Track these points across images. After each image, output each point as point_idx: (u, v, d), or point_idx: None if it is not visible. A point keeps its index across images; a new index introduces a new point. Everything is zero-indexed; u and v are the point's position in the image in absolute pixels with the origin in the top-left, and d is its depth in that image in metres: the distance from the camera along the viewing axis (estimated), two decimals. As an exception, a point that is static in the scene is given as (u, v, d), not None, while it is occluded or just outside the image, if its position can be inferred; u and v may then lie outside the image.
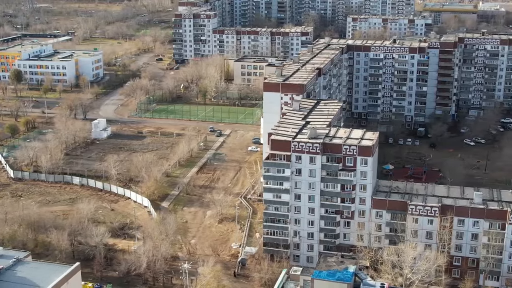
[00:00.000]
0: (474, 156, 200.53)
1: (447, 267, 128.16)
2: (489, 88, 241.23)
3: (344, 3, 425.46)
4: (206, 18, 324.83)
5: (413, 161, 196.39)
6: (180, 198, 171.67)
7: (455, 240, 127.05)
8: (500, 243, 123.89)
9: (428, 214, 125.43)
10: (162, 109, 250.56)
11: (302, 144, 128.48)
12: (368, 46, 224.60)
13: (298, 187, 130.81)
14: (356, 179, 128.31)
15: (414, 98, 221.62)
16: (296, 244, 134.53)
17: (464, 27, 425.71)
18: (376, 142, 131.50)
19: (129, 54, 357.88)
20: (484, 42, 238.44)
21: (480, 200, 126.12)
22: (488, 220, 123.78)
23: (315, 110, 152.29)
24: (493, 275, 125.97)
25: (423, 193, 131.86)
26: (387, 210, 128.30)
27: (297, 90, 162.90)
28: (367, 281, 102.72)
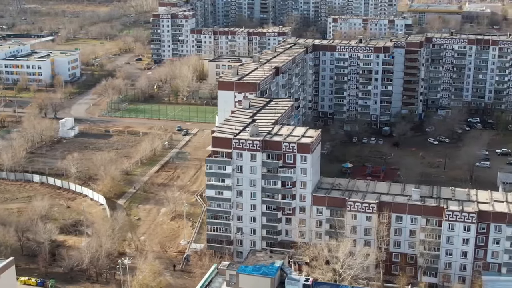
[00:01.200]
0: (436, 155, 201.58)
1: (386, 263, 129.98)
2: (457, 87, 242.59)
3: (327, 4, 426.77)
4: (184, 19, 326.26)
5: (374, 159, 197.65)
6: (137, 196, 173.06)
7: (394, 236, 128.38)
8: (437, 240, 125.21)
9: (366, 210, 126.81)
10: (133, 109, 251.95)
11: (242, 141, 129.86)
12: (333, 45, 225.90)
13: (239, 184, 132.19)
14: (296, 176, 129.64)
15: (380, 97, 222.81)
16: (239, 241, 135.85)
17: (447, 27, 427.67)
18: (317, 140, 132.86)
19: (109, 54, 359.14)
20: (452, 42, 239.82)
21: (418, 197, 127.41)
22: (425, 217, 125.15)
23: (265, 108, 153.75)
24: (430, 271, 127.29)
25: (363, 190, 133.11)
26: (326, 206, 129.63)
27: (250, 88, 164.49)
28: (291, 276, 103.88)
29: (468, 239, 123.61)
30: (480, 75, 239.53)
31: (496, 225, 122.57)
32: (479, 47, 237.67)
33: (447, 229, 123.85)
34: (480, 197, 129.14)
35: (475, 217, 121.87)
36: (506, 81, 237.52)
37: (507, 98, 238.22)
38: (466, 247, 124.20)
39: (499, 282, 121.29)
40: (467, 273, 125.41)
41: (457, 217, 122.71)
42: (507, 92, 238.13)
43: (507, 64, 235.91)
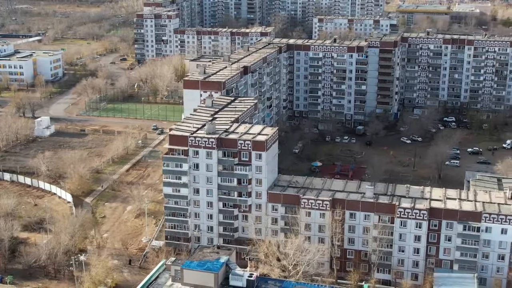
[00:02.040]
0: (407, 154, 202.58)
1: (340, 260, 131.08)
2: (433, 87, 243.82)
3: (314, 4, 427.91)
4: (168, 19, 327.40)
5: (345, 158, 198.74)
6: (105, 194, 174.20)
7: (347, 233, 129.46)
8: (390, 236, 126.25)
9: (319, 208, 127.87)
10: (111, 108, 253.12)
11: (198, 139, 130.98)
12: (307, 45, 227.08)
13: (196, 181, 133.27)
14: (252, 173, 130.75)
15: (354, 96, 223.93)
16: (197, 238, 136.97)
17: (435, 28, 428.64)
18: (273, 138, 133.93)
19: (94, 54, 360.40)
20: (428, 42, 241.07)
21: (371, 194, 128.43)
22: (378, 214, 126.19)
23: (228, 106, 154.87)
24: (384, 267, 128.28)
25: (319, 187, 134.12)
26: (281, 204, 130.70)
27: (215, 87, 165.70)
28: (235, 271, 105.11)
29: (420, 236, 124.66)
30: (455, 74, 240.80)
31: (448, 222, 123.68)
32: (454, 47, 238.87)
33: (399, 226, 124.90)
34: (434, 194, 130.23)
35: (426, 214, 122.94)
36: (481, 81, 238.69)
37: (483, 98, 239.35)
38: (418, 244, 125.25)
39: (450, 278, 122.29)
40: (419, 270, 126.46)
41: (408, 214, 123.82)
42: (483, 92, 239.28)
43: (482, 64, 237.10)
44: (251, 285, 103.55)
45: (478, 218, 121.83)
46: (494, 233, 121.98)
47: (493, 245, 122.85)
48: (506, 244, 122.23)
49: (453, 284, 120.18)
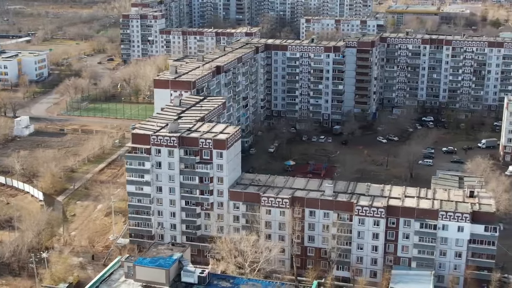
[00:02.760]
0: (382, 153, 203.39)
1: (301, 258, 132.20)
2: (412, 87, 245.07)
3: (303, 5, 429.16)
4: (153, 19, 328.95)
5: (319, 157, 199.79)
6: (77, 193, 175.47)
7: (308, 231, 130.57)
8: (348, 234, 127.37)
9: (279, 205, 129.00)
10: (93, 108, 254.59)
11: (160, 138, 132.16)
12: (285, 45, 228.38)
13: (159, 179, 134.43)
14: (213, 171, 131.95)
15: (331, 96, 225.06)
16: (160, 235, 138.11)
17: (424, 28, 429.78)
18: (234, 136, 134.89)
19: (82, 54, 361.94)
20: (406, 42, 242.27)
21: (330, 192, 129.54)
22: (337, 212, 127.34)
23: (196, 106, 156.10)
24: (343, 265, 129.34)
25: (281, 185, 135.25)
26: (243, 201, 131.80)
27: (185, 86, 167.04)
28: (187, 268, 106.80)
29: (378, 234, 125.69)
30: (434, 74, 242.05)
31: (405, 220, 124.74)
32: (432, 47, 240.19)
33: (357, 223, 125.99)
34: (393, 192, 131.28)
35: (384, 212, 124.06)
36: (459, 81, 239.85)
37: (461, 98, 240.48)
38: (376, 241, 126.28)
39: (407, 276, 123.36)
40: (378, 267, 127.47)
41: (366, 212, 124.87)
42: (461, 92, 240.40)
43: (460, 64, 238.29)
44: (202, 281, 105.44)
45: (434, 216, 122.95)
46: (451, 231, 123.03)
47: (450, 242, 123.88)
48: (463, 242, 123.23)
49: (409, 281, 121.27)
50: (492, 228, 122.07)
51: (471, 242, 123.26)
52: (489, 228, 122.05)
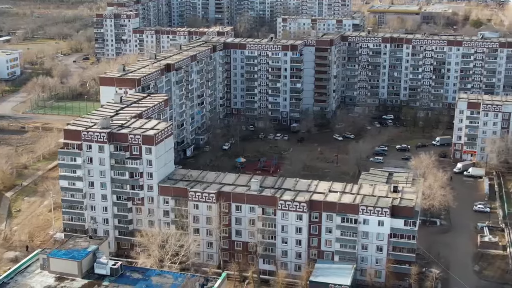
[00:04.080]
0: (336, 151, 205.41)
1: (229, 252, 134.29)
2: (373, 85, 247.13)
3: (282, 4, 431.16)
4: (127, 18, 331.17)
5: (272, 154, 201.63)
6: (26, 189, 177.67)
7: (234, 225, 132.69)
8: (273, 228, 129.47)
9: (206, 200, 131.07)
10: (58, 106, 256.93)
11: (91, 134, 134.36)
12: (243, 44, 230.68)
13: (90, 174, 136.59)
14: (143, 167, 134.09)
15: (289, 94, 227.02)
16: (93, 230, 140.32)
17: (403, 27, 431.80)
18: (164, 132, 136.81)
19: (59, 53, 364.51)
20: (367, 41, 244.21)
21: (256, 187, 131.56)
22: (261, 206, 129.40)
23: (138, 103, 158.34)
24: (269, 259, 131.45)
25: (211, 181, 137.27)
26: (172, 196, 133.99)
27: (130, 84, 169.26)
28: (100, 260, 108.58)
29: (301, 228, 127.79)
30: (395, 73, 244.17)
31: (328, 214, 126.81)
32: (393, 46, 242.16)
33: (281, 218, 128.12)
34: (319, 187, 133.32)
35: (306, 207, 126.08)
36: (419, 79, 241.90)
37: (421, 96, 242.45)
38: (299, 235, 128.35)
39: (329, 269, 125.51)
40: (302, 261, 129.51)
41: (289, 206, 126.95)
42: (421, 90, 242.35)
43: (420, 62, 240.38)
44: (114, 273, 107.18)
45: (355, 210, 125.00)
46: (372, 225, 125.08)
47: (371, 236, 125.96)
48: (384, 236, 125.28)
49: (330, 275, 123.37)
50: (412, 222, 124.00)
51: (391, 236, 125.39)
52: (409, 222, 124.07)
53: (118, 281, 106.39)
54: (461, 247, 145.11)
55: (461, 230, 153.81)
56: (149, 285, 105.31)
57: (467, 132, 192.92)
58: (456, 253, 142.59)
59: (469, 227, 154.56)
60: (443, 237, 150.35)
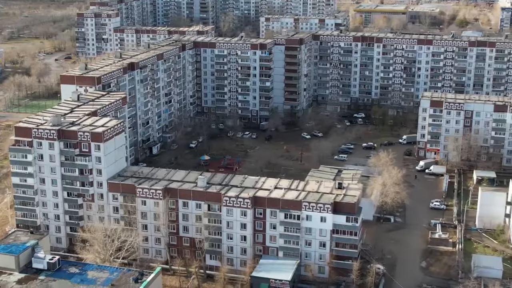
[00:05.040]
0: (301, 149, 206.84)
1: (177, 248, 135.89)
2: (345, 84, 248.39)
3: (267, 4, 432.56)
4: (107, 17, 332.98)
5: (238, 152, 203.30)
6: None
7: (182, 221, 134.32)
8: (218, 224, 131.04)
9: (153, 196, 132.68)
10: (33, 105, 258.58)
11: (41, 131, 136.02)
12: (213, 43, 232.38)
13: (41, 171, 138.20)
14: (92, 163, 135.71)
15: (258, 93, 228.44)
16: (46, 226, 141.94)
17: (389, 27, 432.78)
18: (115, 130, 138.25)
19: (42, 53, 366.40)
20: (338, 39, 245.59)
21: (203, 183, 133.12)
22: (207, 203, 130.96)
23: (95, 101, 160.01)
24: (215, 254, 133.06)
25: (161, 177, 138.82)
26: (121, 193, 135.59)
27: (90, 82, 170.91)
28: (37, 255, 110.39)
29: (245, 224, 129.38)
30: (366, 71, 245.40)
31: (272, 211, 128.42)
32: (364, 45, 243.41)
33: (226, 214, 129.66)
34: (266, 184, 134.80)
35: (250, 203, 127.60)
36: (390, 78, 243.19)
37: (392, 94, 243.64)
38: (244, 231, 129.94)
39: (273, 265, 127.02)
40: (247, 257, 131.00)
41: (234, 202, 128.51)
42: (392, 88, 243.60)
43: (391, 61, 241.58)
44: (52, 267, 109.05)
45: (298, 206, 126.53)
46: (314, 221, 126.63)
47: (314, 232, 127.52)
48: (326, 232, 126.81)
49: (272, 270, 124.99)
50: (353, 218, 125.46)
51: (334, 232, 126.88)
52: (351, 218, 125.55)
53: (54, 275, 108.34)
54: (411, 244, 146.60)
55: (414, 227, 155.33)
56: (84, 279, 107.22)
57: (430, 130, 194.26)
58: (405, 249, 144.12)
59: (422, 224, 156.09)
60: (395, 234, 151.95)
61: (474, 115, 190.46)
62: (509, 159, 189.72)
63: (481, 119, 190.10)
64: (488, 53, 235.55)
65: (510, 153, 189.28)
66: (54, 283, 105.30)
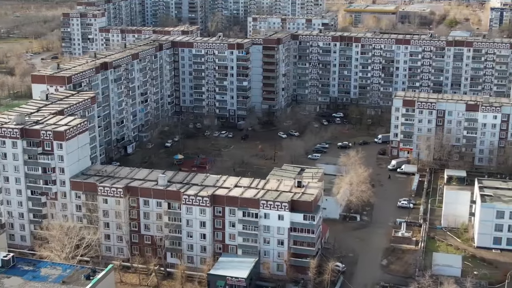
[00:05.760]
0: (278, 148, 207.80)
1: (139, 246, 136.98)
2: (324, 83, 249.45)
3: (255, 4, 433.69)
4: (93, 17, 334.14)
5: (212, 152, 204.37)
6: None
7: (143, 219, 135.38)
8: (179, 223, 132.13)
9: (114, 195, 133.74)
10: (14, 104, 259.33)
11: (4, 130, 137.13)
12: (191, 42, 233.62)
13: (5, 169, 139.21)
14: (55, 162, 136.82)
15: (236, 92, 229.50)
16: (10, 224, 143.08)
17: (379, 27, 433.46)
18: (78, 128, 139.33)
19: (28, 52, 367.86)
20: (317, 39, 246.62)
21: (164, 182, 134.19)
22: (168, 201, 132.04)
23: (64, 100, 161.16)
24: (176, 252, 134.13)
25: (123, 176, 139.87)
26: (83, 191, 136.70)
27: (60, 82, 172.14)
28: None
29: (205, 222, 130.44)
30: (345, 71, 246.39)
31: (230, 209, 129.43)
32: (342, 44, 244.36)
33: (186, 212, 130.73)
34: (227, 182, 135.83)
35: (209, 201, 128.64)
36: (369, 77, 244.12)
37: (371, 94, 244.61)
38: (204, 229, 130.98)
39: (231, 263, 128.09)
40: (207, 255, 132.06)
41: (193, 201, 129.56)
42: (371, 88, 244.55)
43: (369, 61, 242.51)
44: (5, 265, 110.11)
45: (256, 204, 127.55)
46: (272, 219, 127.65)
47: (272, 230, 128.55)
48: (284, 230, 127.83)
49: (229, 268, 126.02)
50: (310, 216, 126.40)
51: (292, 231, 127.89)
52: (308, 216, 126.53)
53: (8, 272, 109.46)
54: (375, 242, 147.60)
55: (380, 225, 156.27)
56: (36, 276, 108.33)
57: (403, 129, 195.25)
58: (368, 247, 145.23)
59: (388, 223, 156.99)
60: (360, 232, 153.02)
61: (446, 114, 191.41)
62: (481, 158, 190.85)
63: (453, 118, 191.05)
64: (465, 53, 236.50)
65: (482, 152, 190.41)
66: (6, 280, 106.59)
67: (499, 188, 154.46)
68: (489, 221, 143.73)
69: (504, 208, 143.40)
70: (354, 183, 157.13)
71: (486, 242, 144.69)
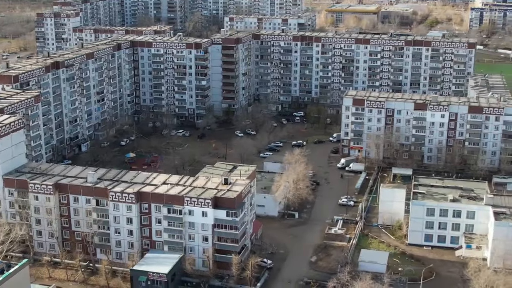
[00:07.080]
0: (233, 146, 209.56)
1: (70, 242, 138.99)
2: (286, 83, 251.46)
3: (235, 4, 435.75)
4: (67, 17, 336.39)
5: (166, 150, 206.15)
6: None
7: (74, 216, 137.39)
8: (107, 219, 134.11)
9: (44, 192, 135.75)
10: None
11: None
12: (150, 42, 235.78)
13: None
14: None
15: (195, 92, 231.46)
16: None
17: (359, 27, 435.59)
18: (11, 126, 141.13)
19: (6, 52, 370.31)
20: (278, 39, 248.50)
21: (93, 179, 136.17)
22: (96, 198, 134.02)
23: (7, 99, 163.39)
24: (105, 249, 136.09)
25: (56, 173, 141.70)
26: (15, 188, 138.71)
27: (7, 80, 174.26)
28: None
29: (131, 219, 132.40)
30: (306, 70, 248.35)
31: (156, 206, 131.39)
32: (303, 44, 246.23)
33: (113, 209, 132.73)
34: (156, 180, 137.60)
35: (135, 198, 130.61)
36: (329, 77, 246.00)
37: (332, 93, 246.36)
38: (131, 226, 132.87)
39: (157, 259, 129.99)
40: (134, 251, 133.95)
41: (119, 197, 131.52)
42: (331, 87, 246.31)
43: (330, 60, 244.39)
44: None
45: (180, 201, 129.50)
46: (196, 216, 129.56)
47: (196, 227, 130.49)
48: (208, 226, 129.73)
49: (154, 264, 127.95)
50: (233, 213, 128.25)
51: (215, 227, 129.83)
52: (231, 213, 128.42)
53: None
54: (308, 239, 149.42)
55: (317, 222, 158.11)
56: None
57: (353, 128, 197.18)
58: (300, 244, 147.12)
59: (325, 220, 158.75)
60: (295, 229, 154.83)
61: (395, 113, 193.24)
62: (429, 157, 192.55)
63: (402, 117, 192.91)
64: (424, 53, 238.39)
65: (430, 151, 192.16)
66: None
67: (433, 186, 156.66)
68: (419, 218, 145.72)
69: (434, 205, 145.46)
70: (293, 181, 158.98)
71: (417, 239, 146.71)
